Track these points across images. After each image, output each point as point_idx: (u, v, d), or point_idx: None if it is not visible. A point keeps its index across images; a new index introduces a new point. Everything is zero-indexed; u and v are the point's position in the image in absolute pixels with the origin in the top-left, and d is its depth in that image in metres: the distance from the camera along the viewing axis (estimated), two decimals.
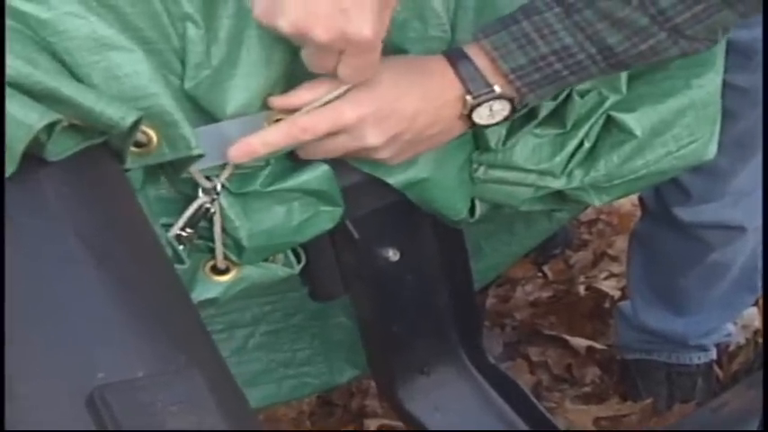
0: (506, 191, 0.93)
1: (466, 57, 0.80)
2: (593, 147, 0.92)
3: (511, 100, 0.81)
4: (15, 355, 0.56)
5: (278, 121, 0.79)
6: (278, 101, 0.78)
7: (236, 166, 0.79)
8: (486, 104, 0.81)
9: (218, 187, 0.80)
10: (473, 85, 0.80)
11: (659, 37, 0.78)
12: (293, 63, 0.78)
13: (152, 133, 0.74)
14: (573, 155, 0.91)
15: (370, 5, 0.70)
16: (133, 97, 0.72)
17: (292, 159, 0.83)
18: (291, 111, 0.79)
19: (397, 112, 0.79)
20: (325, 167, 0.83)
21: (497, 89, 0.80)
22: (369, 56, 0.74)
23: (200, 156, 0.76)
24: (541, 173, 0.91)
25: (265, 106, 0.79)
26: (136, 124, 0.70)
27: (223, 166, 0.79)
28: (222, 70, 0.76)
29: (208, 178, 0.80)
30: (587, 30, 0.77)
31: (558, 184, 0.92)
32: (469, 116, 0.82)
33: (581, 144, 0.91)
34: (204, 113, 0.78)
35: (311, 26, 0.70)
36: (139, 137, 0.74)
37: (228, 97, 0.76)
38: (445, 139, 0.85)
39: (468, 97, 0.80)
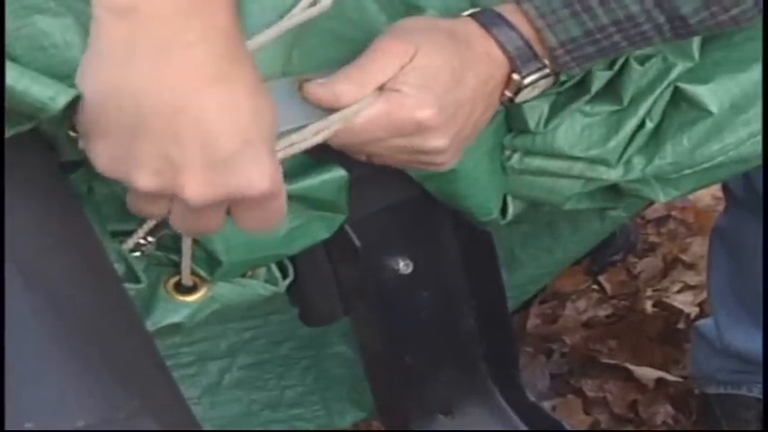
0: (547, 184, 0.93)
1: (507, 24, 0.81)
2: (658, 127, 0.91)
3: (555, 73, 0.83)
4: None
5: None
6: (315, 89, 0.79)
7: None
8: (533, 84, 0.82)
9: None
10: (521, 61, 0.81)
11: (745, 5, 0.79)
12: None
13: None
14: (632, 138, 0.91)
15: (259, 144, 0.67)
16: (64, 73, 0.72)
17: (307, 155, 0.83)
18: None
19: (458, 104, 0.81)
20: (342, 173, 0.84)
21: (548, 65, 0.82)
22: (272, 204, 0.71)
23: None
24: (592, 161, 0.91)
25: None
26: (70, 106, 0.70)
27: None
28: None
29: None
30: None
31: (613, 175, 0.91)
32: (512, 98, 0.84)
33: (642, 124, 0.90)
34: None
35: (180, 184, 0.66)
36: (78, 121, 0.73)
37: None
38: (485, 127, 0.86)
39: (516, 76, 0.82)
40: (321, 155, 0.83)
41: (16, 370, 0.59)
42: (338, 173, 0.84)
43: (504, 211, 0.95)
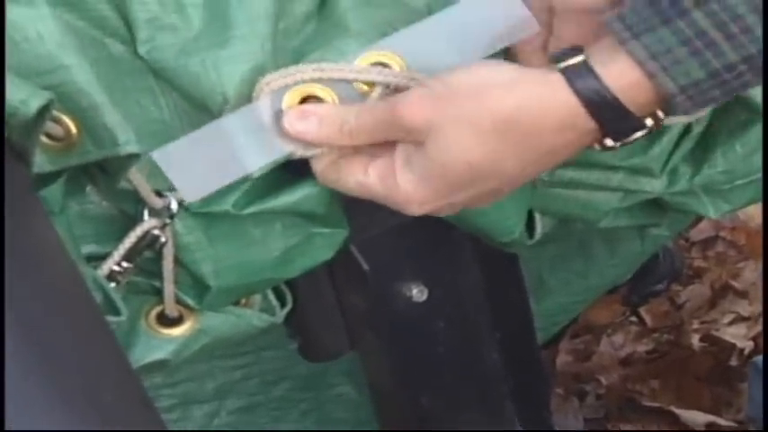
0: (580, 199, 0.93)
1: (596, 77, 0.76)
2: (706, 132, 0.92)
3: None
4: None
5: (307, 100, 0.80)
6: (298, 125, 0.80)
7: None
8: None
9: (174, 206, 0.81)
10: (618, 125, 0.77)
11: None
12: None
13: (69, 122, 0.75)
14: (677, 144, 0.92)
15: None
16: (37, 71, 0.73)
17: (285, 170, 0.83)
18: None
19: (467, 198, 0.81)
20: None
21: (649, 123, 0.79)
22: None
23: (135, 155, 0.76)
24: (632, 171, 0.91)
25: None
26: (44, 110, 0.71)
27: None
28: (205, 30, 0.78)
29: (158, 193, 0.81)
30: None
31: (656, 186, 0.92)
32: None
33: (688, 128, 0.91)
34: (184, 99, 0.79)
35: None
36: (52, 128, 0.74)
37: (221, 72, 0.77)
38: None
39: (609, 141, 0.79)
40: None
41: None
42: (318, 185, 0.84)
43: (530, 229, 0.95)
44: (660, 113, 0.79)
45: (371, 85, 0.80)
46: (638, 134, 0.79)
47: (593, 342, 1.66)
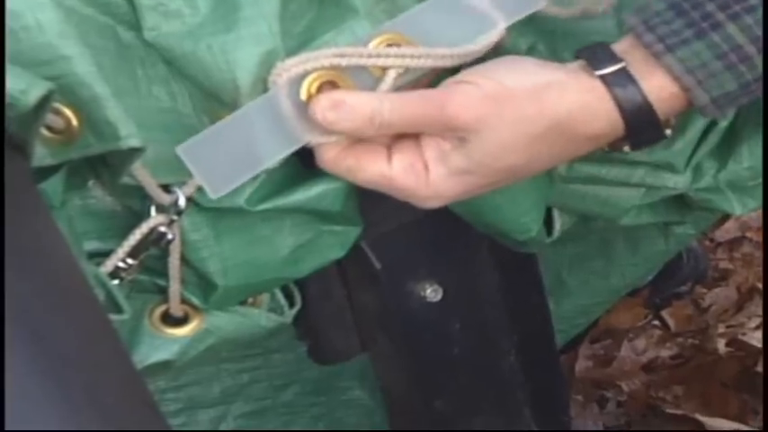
0: (602, 195, 0.93)
1: (638, 89, 0.78)
2: (732, 126, 0.92)
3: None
4: None
5: (323, 86, 0.79)
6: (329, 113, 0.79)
7: None
8: None
9: (182, 202, 0.81)
10: (645, 135, 0.80)
11: None
12: None
13: (70, 114, 0.75)
14: (702, 138, 0.91)
15: None
16: (36, 62, 0.72)
17: (299, 165, 0.84)
18: None
19: (480, 187, 0.82)
20: (342, 182, 0.84)
21: (668, 133, 0.82)
22: None
23: (139, 150, 0.76)
24: (655, 166, 0.91)
25: None
26: (44, 101, 0.71)
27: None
28: (211, 14, 0.78)
29: (166, 188, 0.81)
30: None
31: (680, 182, 0.92)
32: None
33: (713, 122, 0.91)
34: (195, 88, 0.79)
35: None
36: (53, 120, 0.74)
37: (230, 58, 0.77)
38: None
39: (627, 147, 0.82)
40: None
41: None
42: (337, 182, 0.84)
43: (549, 227, 0.96)
44: (673, 120, 0.82)
45: (384, 68, 0.80)
46: (653, 144, 0.82)
47: (614, 347, 1.66)
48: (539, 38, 0.86)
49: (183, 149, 0.77)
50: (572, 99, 0.78)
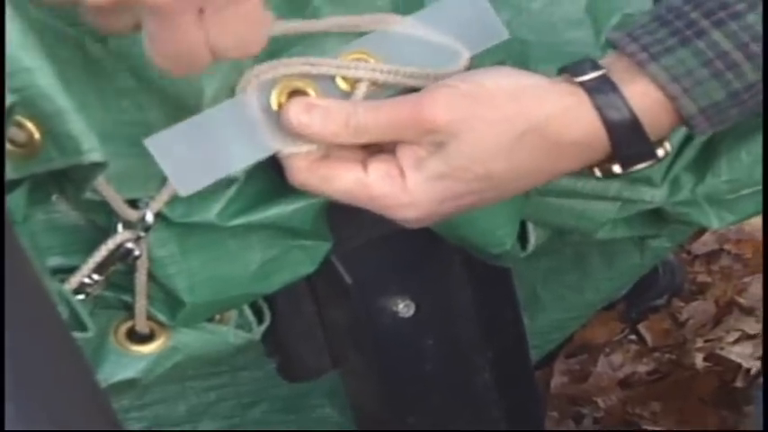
0: (577, 208, 0.94)
1: (619, 95, 0.77)
2: (710, 139, 0.92)
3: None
4: None
5: (292, 96, 0.79)
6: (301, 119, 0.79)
7: None
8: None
9: (149, 218, 0.80)
10: (630, 149, 0.78)
11: None
12: None
13: (32, 127, 0.75)
14: (679, 151, 0.92)
15: None
16: None
17: (272, 181, 0.83)
18: None
19: (461, 204, 0.80)
20: (316, 199, 0.84)
21: (661, 153, 0.80)
22: (237, 6, 0.69)
23: (102, 165, 0.76)
24: (632, 179, 0.92)
25: None
26: (7, 114, 0.70)
27: (160, 186, 0.80)
28: None
29: (133, 203, 0.80)
30: None
31: (656, 196, 0.93)
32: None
33: (691, 136, 0.91)
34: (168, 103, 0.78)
35: None
36: (15, 133, 0.74)
37: None
38: None
39: (616, 167, 0.80)
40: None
41: None
42: (311, 199, 0.84)
43: (523, 241, 0.96)
44: (668, 145, 0.80)
45: (353, 83, 0.80)
46: (645, 164, 0.80)
47: (590, 362, 1.66)
48: (507, 54, 0.86)
49: (151, 142, 0.77)
50: (552, 102, 0.78)
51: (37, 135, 0.74)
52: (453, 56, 0.82)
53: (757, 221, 1.37)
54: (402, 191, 0.78)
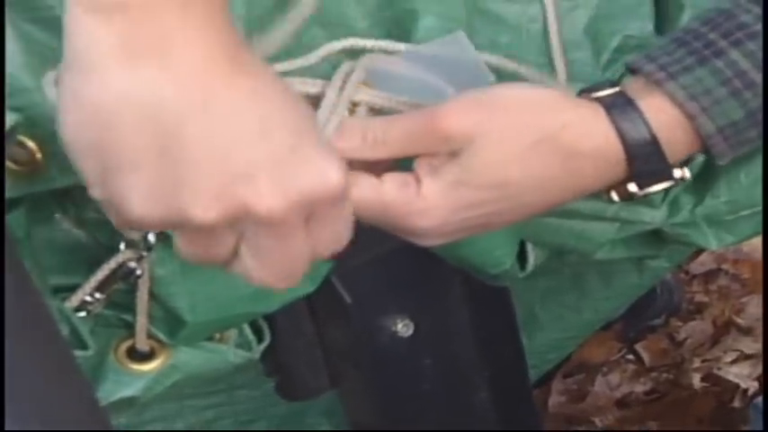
0: (575, 229, 0.94)
1: (636, 109, 0.77)
2: (709, 160, 0.90)
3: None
4: None
5: None
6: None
7: None
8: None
9: (152, 238, 0.81)
10: (646, 165, 0.78)
11: None
12: None
13: (34, 147, 0.75)
14: None
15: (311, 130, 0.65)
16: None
17: None
18: None
19: (477, 218, 0.79)
20: None
21: (678, 174, 0.80)
22: (344, 206, 0.68)
23: None
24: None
25: None
26: (9, 133, 0.71)
27: None
28: None
29: None
30: None
31: (656, 217, 0.93)
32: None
33: (690, 157, 0.90)
34: None
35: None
36: (17, 152, 0.74)
37: None
38: None
39: (632, 186, 0.80)
40: None
41: None
42: None
43: (522, 261, 0.96)
44: (687, 171, 0.80)
45: (353, 104, 0.80)
46: (661, 186, 0.80)
47: (588, 382, 1.66)
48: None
49: None
50: (568, 112, 0.77)
51: (39, 154, 0.75)
52: (440, 93, 0.82)
53: (755, 242, 1.38)
54: (417, 196, 0.77)
